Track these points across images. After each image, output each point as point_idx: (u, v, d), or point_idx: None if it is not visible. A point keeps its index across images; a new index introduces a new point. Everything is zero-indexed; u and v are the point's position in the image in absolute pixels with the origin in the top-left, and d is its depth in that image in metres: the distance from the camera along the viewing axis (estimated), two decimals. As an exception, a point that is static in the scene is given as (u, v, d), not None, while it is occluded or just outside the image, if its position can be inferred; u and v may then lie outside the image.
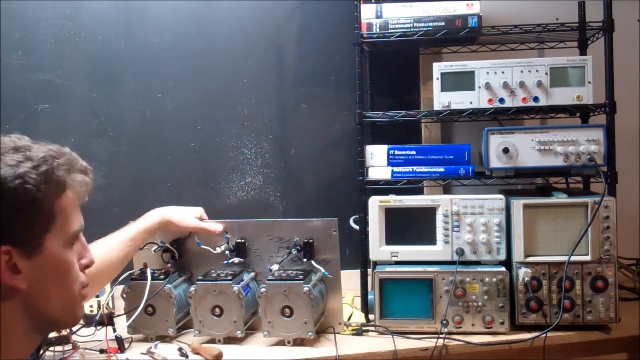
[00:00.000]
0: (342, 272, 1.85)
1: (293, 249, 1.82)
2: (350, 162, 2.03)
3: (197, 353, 1.67)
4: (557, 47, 2.19)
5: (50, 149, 1.01)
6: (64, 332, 1.67)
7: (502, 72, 1.90)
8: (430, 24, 1.95)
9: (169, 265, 1.84)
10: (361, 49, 1.98)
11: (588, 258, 1.77)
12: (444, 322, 1.75)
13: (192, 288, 1.76)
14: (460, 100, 1.92)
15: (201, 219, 1.86)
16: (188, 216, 1.82)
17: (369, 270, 1.93)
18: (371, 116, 1.98)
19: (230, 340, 1.76)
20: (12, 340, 0.98)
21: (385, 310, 1.80)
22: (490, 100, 1.91)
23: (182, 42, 2.24)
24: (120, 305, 1.81)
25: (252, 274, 1.86)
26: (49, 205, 0.98)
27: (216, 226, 1.85)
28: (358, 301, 1.99)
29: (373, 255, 1.87)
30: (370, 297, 1.90)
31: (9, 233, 0.93)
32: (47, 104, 2.16)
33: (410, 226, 1.87)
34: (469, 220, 1.82)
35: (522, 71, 1.90)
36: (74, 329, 1.72)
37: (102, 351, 1.67)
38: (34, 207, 0.96)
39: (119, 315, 1.77)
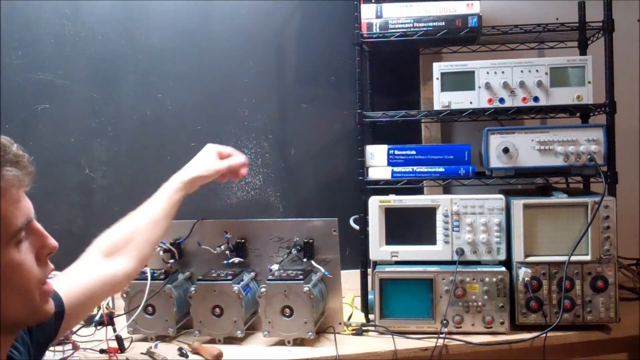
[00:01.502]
0: (342, 272, 1.85)
1: (293, 249, 1.82)
2: (350, 162, 2.02)
3: (197, 353, 1.67)
4: (557, 47, 2.18)
5: None
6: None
7: (502, 72, 1.90)
8: (430, 24, 1.95)
9: (169, 265, 1.84)
10: (361, 49, 1.97)
11: (588, 258, 1.77)
12: (444, 322, 1.75)
13: (192, 288, 1.76)
14: (460, 100, 1.92)
15: (221, 156, 1.66)
16: (209, 162, 1.62)
17: (369, 270, 1.93)
18: (371, 116, 1.98)
19: (230, 340, 1.76)
20: None
21: (385, 310, 1.80)
22: (490, 100, 1.91)
23: (182, 42, 2.24)
24: (120, 305, 1.81)
25: (252, 274, 1.86)
26: None
27: (240, 159, 1.67)
28: (358, 301, 1.99)
29: (373, 255, 1.87)
30: (370, 297, 1.90)
31: None
32: (47, 104, 2.16)
33: (410, 226, 1.87)
34: (469, 220, 1.82)
35: (522, 71, 1.89)
36: (74, 329, 1.73)
37: (102, 351, 1.67)
38: None
39: (119, 315, 1.78)
